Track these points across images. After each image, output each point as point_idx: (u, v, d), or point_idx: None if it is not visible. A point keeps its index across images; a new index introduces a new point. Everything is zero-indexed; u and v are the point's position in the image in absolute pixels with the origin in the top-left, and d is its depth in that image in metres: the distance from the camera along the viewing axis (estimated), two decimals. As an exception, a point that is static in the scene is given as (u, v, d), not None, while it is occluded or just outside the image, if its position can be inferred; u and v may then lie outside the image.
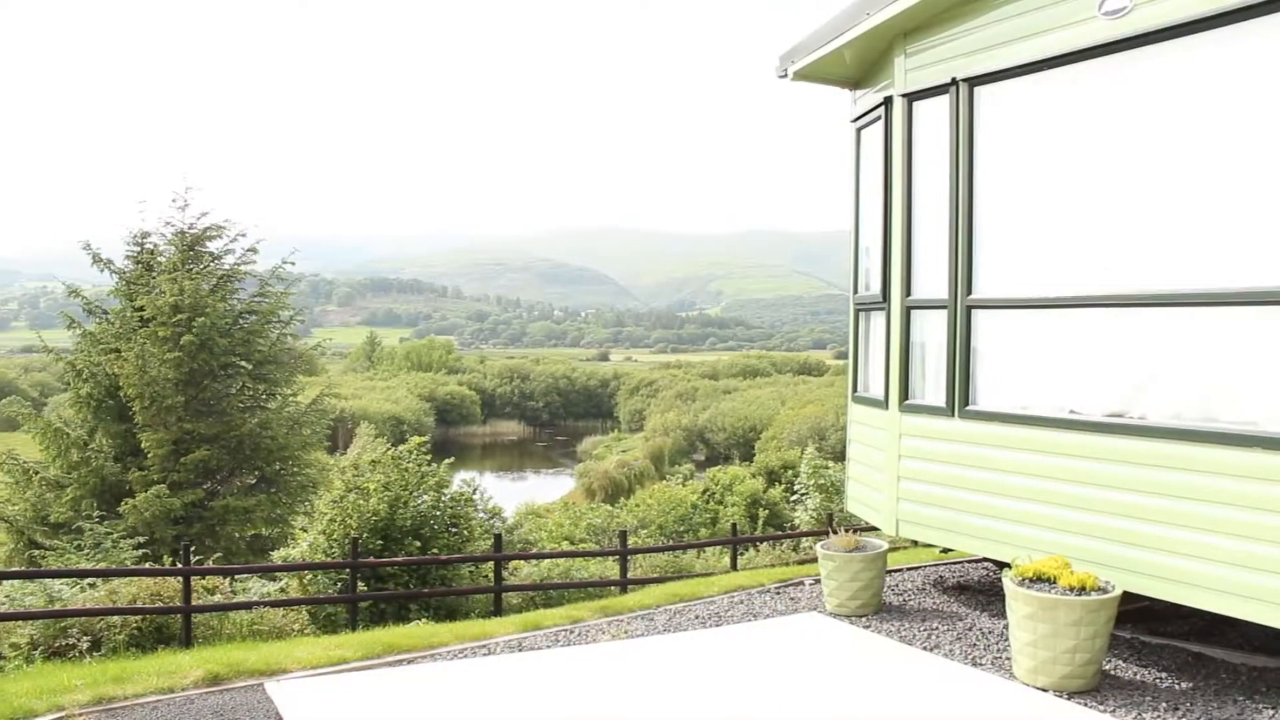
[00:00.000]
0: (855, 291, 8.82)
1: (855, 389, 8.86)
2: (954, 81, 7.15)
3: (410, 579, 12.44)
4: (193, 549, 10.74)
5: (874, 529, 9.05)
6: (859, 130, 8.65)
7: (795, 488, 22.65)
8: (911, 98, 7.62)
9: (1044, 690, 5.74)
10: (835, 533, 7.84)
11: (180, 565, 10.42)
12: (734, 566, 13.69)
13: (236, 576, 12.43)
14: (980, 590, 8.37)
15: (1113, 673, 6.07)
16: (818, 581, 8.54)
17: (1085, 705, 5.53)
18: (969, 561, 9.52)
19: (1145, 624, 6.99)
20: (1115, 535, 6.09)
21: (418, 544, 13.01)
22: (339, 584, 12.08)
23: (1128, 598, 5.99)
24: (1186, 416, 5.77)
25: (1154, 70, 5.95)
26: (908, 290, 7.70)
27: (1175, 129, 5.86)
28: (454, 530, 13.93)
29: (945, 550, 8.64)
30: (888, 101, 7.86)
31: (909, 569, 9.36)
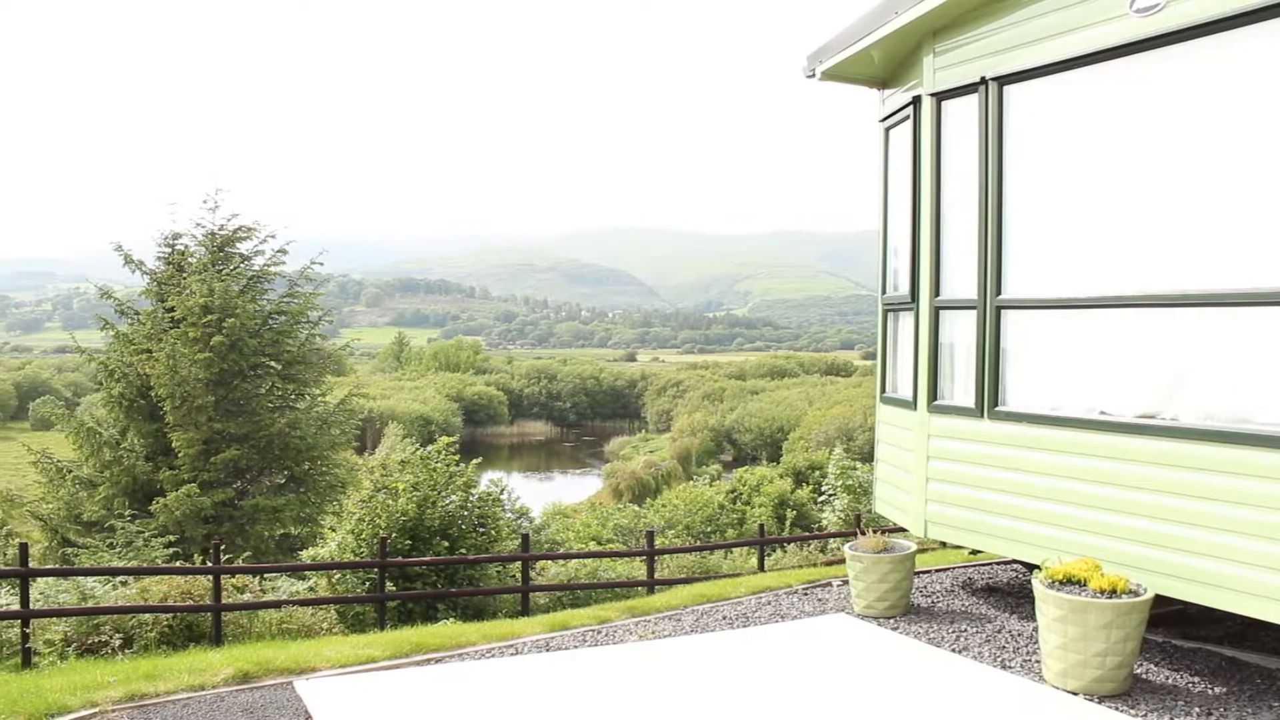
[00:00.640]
0: (884, 292, 8.78)
1: (883, 390, 8.82)
2: (983, 80, 7.10)
3: (438, 579, 12.50)
4: (222, 548, 10.83)
5: (902, 530, 9.00)
6: (887, 130, 8.61)
7: (823, 488, 22.58)
8: (940, 97, 7.57)
9: (1074, 694, 5.69)
10: (863, 534, 7.80)
11: (210, 564, 10.51)
12: (761, 567, 13.67)
13: (266, 575, 12.53)
14: (1009, 592, 8.31)
15: (1144, 677, 6.01)
16: (845, 583, 8.51)
17: (1116, 709, 5.48)
18: (998, 563, 9.46)
19: (1178, 627, 6.92)
20: (1146, 537, 6.03)
21: (446, 544, 13.07)
22: (367, 583, 12.15)
23: (1160, 601, 5.93)
24: (1220, 417, 5.70)
25: (1185, 68, 5.89)
26: (936, 290, 7.66)
27: (1207, 127, 5.79)
28: (482, 530, 13.99)
29: (974, 552, 8.58)
30: (916, 101, 7.82)
31: (937, 570, 9.31)
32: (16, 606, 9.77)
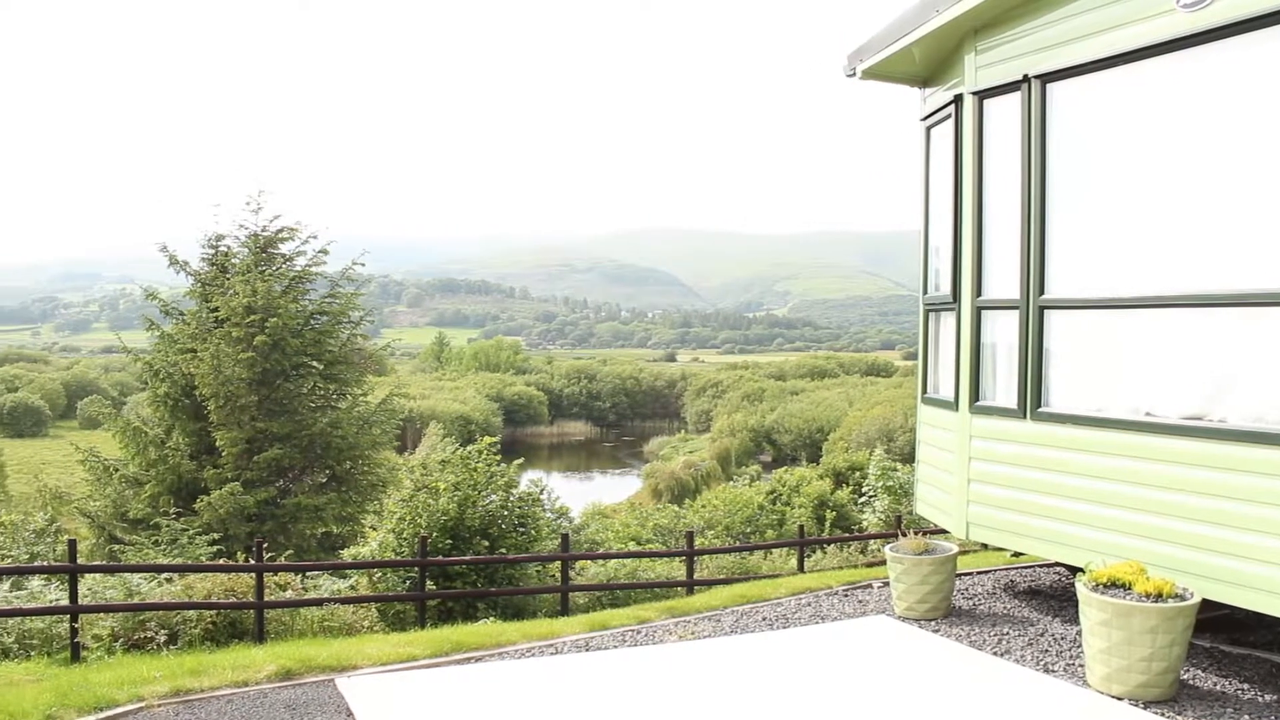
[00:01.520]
0: (925, 292, 8.72)
1: (925, 390, 8.75)
2: (1026, 78, 7.03)
3: (478, 578, 12.55)
4: (265, 546, 10.94)
5: (943, 532, 8.93)
6: (929, 129, 8.55)
7: (863, 489, 22.46)
8: (982, 95, 7.50)
9: (1119, 699, 5.62)
10: (904, 535, 7.76)
11: (253, 562, 10.62)
12: (801, 568, 13.61)
13: (307, 573, 12.64)
14: (1052, 595, 8.22)
15: (1191, 682, 5.93)
16: (886, 584, 8.46)
17: (1162, 716, 5.41)
18: (1040, 566, 9.36)
19: (1226, 633, 6.82)
20: (1192, 540, 5.93)
21: (486, 543, 13.13)
22: (408, 582, 12.22)
23: (1208, 605, 5.84)
24: (1270, 419, 5.60)
25: (1229, 64, 5.79)
26: (978, 290, 7.59)
27: (1254, 123, 5.70)
28: (522, 530, 14.03)
29: (1016, 554, 8.50)
30: (958, 99, 7.76)
31: (979, 573, 9.23)
32: (66, 602, 9.92)
